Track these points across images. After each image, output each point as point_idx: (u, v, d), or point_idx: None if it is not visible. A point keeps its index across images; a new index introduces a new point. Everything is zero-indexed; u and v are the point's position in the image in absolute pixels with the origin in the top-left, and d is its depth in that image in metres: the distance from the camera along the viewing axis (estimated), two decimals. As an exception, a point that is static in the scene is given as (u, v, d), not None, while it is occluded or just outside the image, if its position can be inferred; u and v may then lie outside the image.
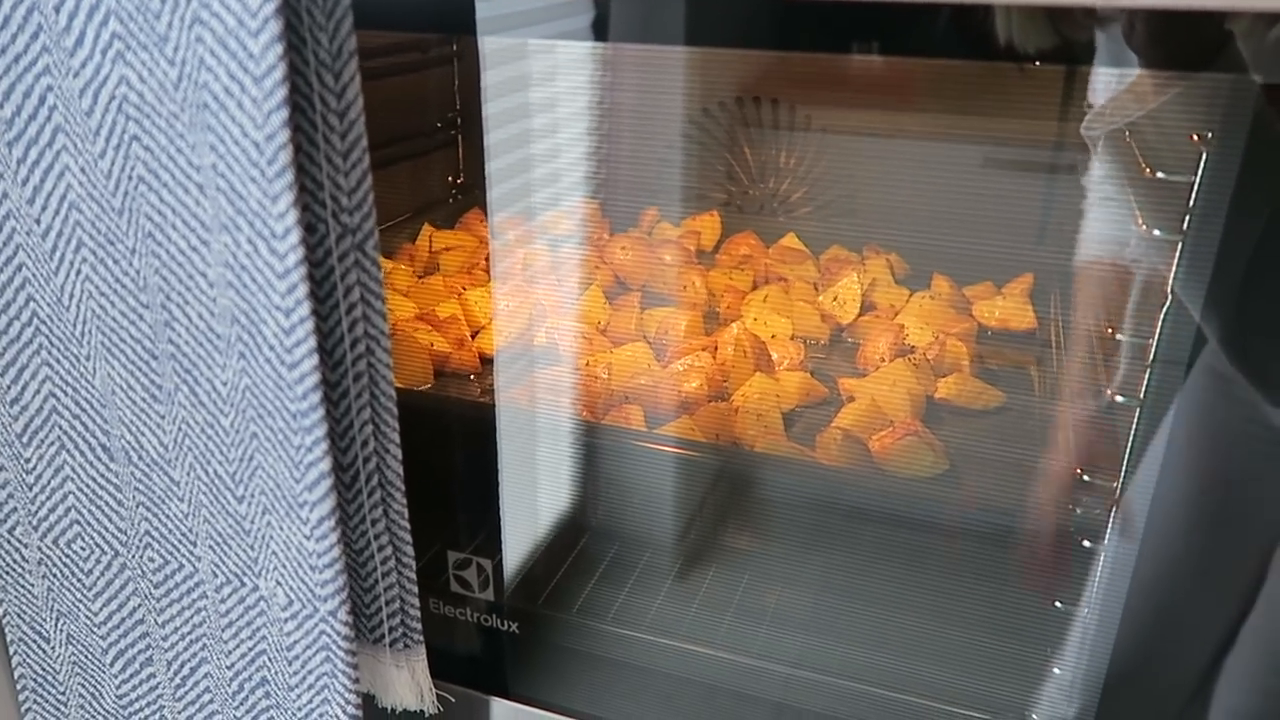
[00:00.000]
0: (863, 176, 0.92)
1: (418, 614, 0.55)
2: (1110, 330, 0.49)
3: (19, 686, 0.60)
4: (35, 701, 0.60)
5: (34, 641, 0.58)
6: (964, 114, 0.75)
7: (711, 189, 0.98)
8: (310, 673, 0.51)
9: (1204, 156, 0.40)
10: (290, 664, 0.51)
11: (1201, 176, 0.41)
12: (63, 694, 0.59)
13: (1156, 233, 0.44)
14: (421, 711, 0.58)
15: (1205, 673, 0.52)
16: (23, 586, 0.56)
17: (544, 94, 0.72)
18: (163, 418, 0.48)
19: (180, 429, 0.48)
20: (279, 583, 0.49)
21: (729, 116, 0.96)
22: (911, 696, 0.58)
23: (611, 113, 0.80)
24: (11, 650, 0.58)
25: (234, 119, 0.39)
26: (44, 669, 0.58)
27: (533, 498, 0.65)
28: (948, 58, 0.56)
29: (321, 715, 0.52)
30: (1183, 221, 0.42)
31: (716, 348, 0.71)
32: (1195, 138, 0.42)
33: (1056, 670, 0.54)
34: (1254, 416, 0.48)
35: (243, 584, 0.51)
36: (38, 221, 0.45)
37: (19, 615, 0.57)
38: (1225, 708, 0.52)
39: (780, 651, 0.62)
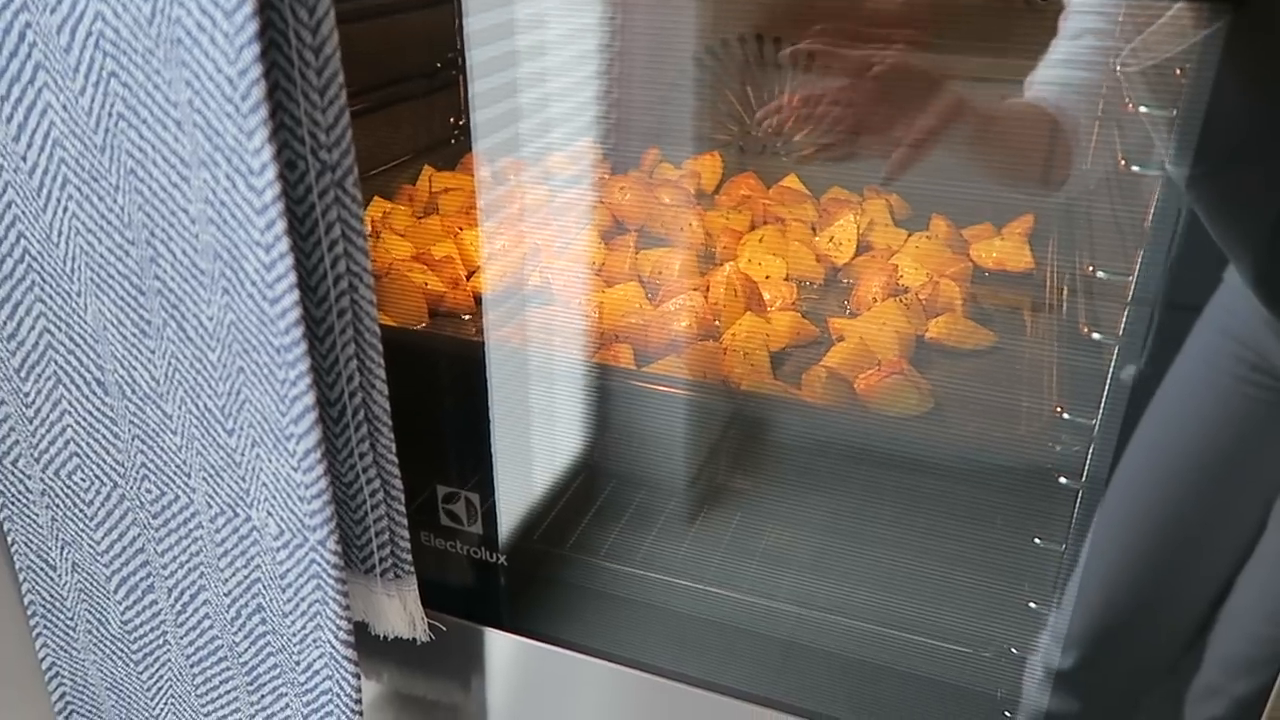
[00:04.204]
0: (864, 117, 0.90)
1: (408, 545, 0.56)
2: (1091, 268, 0.49)
3: (30, 613, 0.62)
4: (45, 626, 0.62)
5: (41, 570, 0.60)
6: (969, 53, 0.74)
7: (713, 130, 0.98)
8: (303, 600, 0.53)
9: (1183, 90, 0.40)
10: (284, 591, 0.53)
11: (1180, 110, 0.41)
12: (71, 619, 0.61)
13: (1135, 169, 0.44)
14: (415, 640, 0.60)
15: (1202, 619, 0.52)
16: (28, 516, 0.58)
17: (536, 29, 0.71)
18: (153, 352, 0.49)
19: (170, 363, 0.49)
20: (270, 513, 0.51)
21: (730, 56, 0.95)
22: (896, 630, 0.60)
23: (608, 53, 0.79)
24: (21, 578, 0.61)
25: (207, 54, 0.39)
26: (52, 595, 0.61)
27: (524, 435, 0.66)
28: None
29: (315, 641, 0.54)
30: (1161, 157, 0.42)
31: (708, 288, 0.71)
32: (1179, 71, 0.41)
33: (1032, 605, 0.55)
34: (1260, 365, 0.48)
35: (236, 514, 0.52)
36: (24, 159, 0.46)
37: (26, 544, 0.59)
38: (1220, 654, 0.52)
39: (768, 587, 0.63)
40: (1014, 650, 0.57)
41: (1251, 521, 0.50)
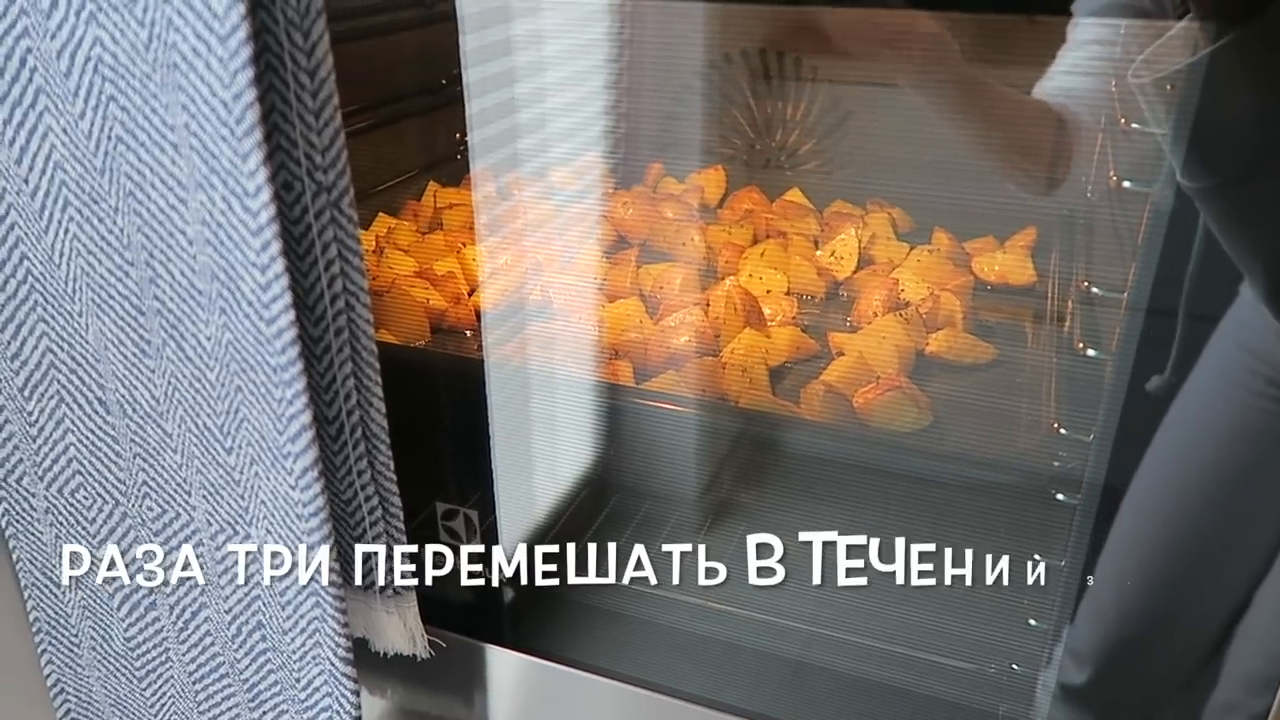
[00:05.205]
0: (868, 130, 0.91)
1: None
2: (1085, 284, 0.49)
3: (34, 630, 0.62)
4: (50, 644, 0.62)
5: (46, 587, 0.60)
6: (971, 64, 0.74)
7: (717, 144, 0.98)
8: (302, 617, 0.53)
9: (1171, 107, 0.40)
10: (283, 609, 0.53)
11: (1171, 126, 0.41)
12: (75, 637, 0.61)
13: (1127, 184, 0.44)
14: (416, 656, 0.60)
15: (1218, 635, 0.52)
16: (32, 534, 0.58)
17: (533, 47, 0.72)
18: (153, 372, 0.49)
19: (170, 383, 0.49)
20: (268, 531, 0.51)
21: (734, 70, 0.95)
22: (898, 647, 0.59)
23: (611, 69, 0.80)
24: (25, 595, 0.61)
25: (202, 79, 0.40)
26: (56, 613, 0.61)
27: (525, 452, 0.66)
28: (961, 10, 0.55)
29: (315, 658, 0.54)
30: (1153, 173, 0.42)
31: (709, 303, 0.71)
32: (1170, 86, 0.41)
33: (1032, 621, 0.55)
34: (1276, 380, 0.48)
35: (235, 532, 0.53)
36: (26, 181, 0.46)
37: (31, 561, 0.60)
38: (1237, 671, 0.52)
39: (772, 603, 0.63)
40: (1015, 667, 0.57)
41: (1269, 537, 0.49)
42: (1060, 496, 0.51)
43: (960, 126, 0.58)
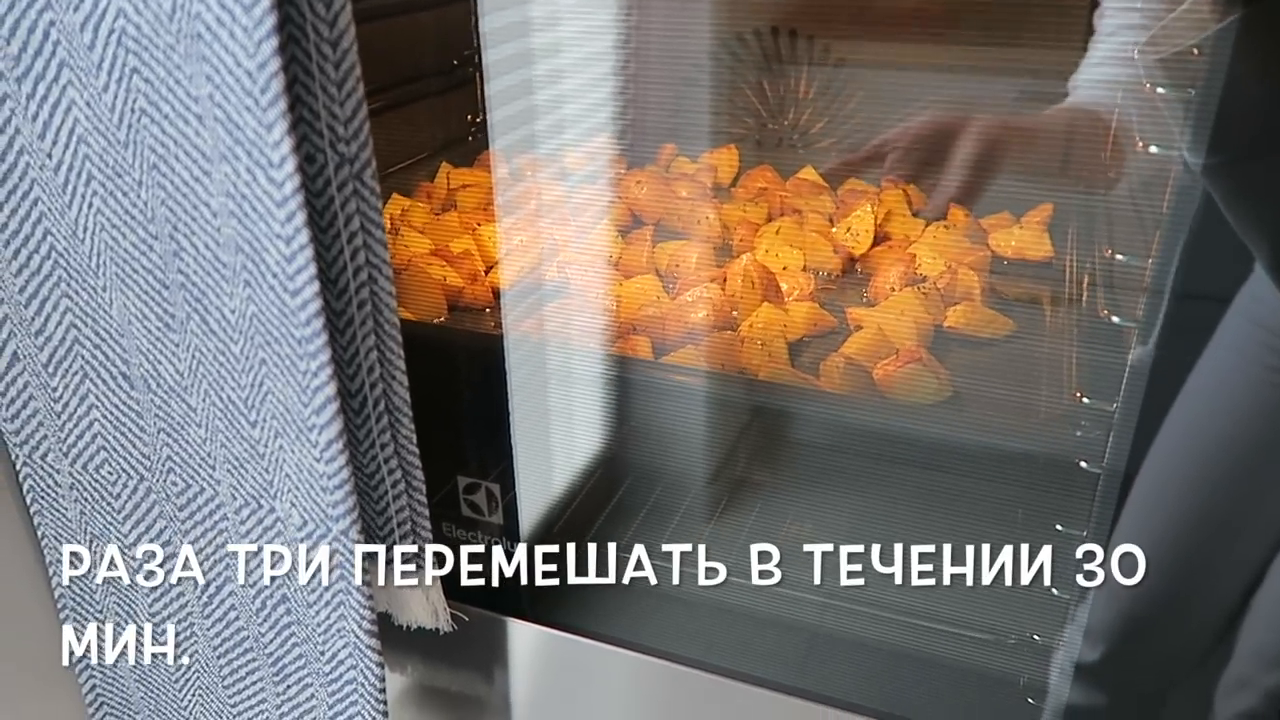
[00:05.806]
0: (881, 109, 0.91)
1: (430, 536, 0.57)
2: (1110, 252, 0.49)
3: (59, 606, 0.63)
4: (75, 620, 0.63)
5: (71, 563, 0.61)
6: (983, 45, 0.74)
7: (730, 124, 0.98)
8: (327, 589, 0.53)
9: (1200, 78, 0.39)
10: (308, 581, 0.53)
11: (1196, 98, 0.41)
12: (100, 613, 0.62)
13: (1154, 149, 0.44)
14: (438, 631, 0.60)
15: (1232, 610, 0.52)
16: (57, 511, 0.59)
17: (552, 27, 0.72)
18: (177, 346, 0.50)
19: (194, 356, 0.50)
20: (293, 504, 0.51)
21: (747, 50, 0.95)
22: (918, 618, 0.60)
23: (625, 49, 0.80)
24: (51, 572, 0.62)
25: (226, 48, 0.40)
26: (81, 590, 0.61)
27: (544, 426, 0.66)
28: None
29: (339, 631, 0.55)
30: (1177, 139, 0.41)
31: (725, 279, 0.71)
32: (1196, 51, 0.41)
33: (1054, 591, 0.55)
34: None
35: (260, 506, 0.53)
36: (49, 156, 0.47)
37: (55, 538, 0.60)
38: (1250, 645, 0.52)
39: (791, 575, 0.63)
40: (1036, 637, 0.57)
41: None
42: (1084, 464, 0.51)
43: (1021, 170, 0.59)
